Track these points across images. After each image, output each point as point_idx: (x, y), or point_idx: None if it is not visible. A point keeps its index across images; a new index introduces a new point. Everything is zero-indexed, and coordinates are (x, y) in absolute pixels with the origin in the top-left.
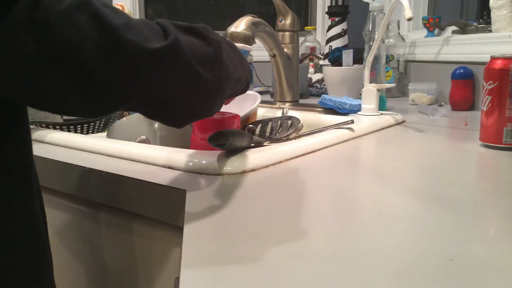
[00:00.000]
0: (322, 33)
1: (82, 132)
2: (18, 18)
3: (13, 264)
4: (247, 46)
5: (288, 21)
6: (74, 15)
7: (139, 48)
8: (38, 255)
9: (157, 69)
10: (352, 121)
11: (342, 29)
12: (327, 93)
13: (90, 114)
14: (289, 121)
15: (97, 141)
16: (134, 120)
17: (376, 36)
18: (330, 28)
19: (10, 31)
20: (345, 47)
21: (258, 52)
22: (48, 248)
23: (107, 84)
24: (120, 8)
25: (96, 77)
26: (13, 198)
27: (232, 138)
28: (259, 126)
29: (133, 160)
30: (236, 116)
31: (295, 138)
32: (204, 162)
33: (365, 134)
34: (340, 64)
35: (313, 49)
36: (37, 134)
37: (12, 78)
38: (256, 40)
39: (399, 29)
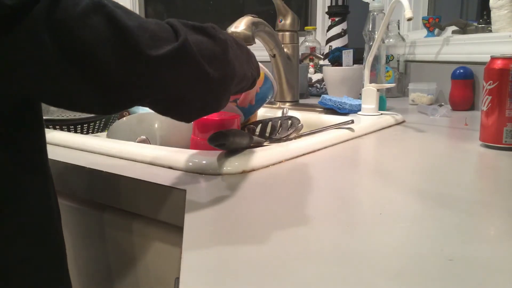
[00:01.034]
0: (322, 33)
1: (82, 132)
2: (36, 20)
3: (30, 258)
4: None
5: (288, 21)
6: (91, 17)
7: (152, 50)
8: (55, 250)
9: (169, 69)
10: (352, 121)
11: (342, 29)
12: (327, 93)
13: (105, 112)
14: (289, 121)
15: (97, 141)
16: (134, 120)
17: (376, 36)
18: (330, 28)
19: (28, 32)
20: (345, 47)
21: (258, 52)
22: (63, 243)
23: (121, 84)
24: None
25: (111, 77)
26: (30, 191)
27: (232, 138)
28: (259, 126)
29: (133, 160)
30: (236, 116)
31: (295, 138)
32: (204, 162)
33: (365, 134)
34: (340, 64)
35: (313, 49)
36: None
37: (30, 77)
38: (256, 40)
39: (399, 29)
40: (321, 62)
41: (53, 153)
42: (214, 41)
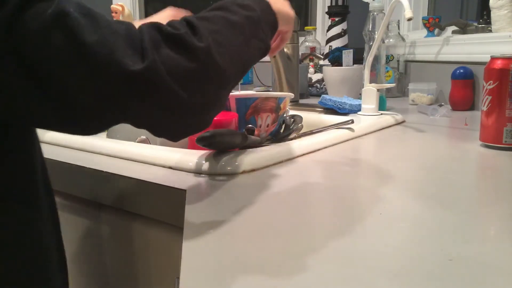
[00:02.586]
0: (322, 33)
1: None
2: None
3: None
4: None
5: None
6: (50, 33)
7: (112, 72)
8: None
9: (132, 94)
10: (352, 121)
11: (342, 29)
12: (327, 93)
13: (71, 133)
14: (292, 119)
15: (97, 141)
16: None
17: (376, 36)
18: (330, 28)
19: None
20: (345, 47)
21: None
22: (44, 248)
23: (81, 107)
24: (120, 8)
25: (71, 98)
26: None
27: (219, 138)
28: None
29: (133, 160)
30: (234, 115)
31: (295, 138)
32: (204, 162)
33: (365, 134)
34: (340, 64)
35: (313, 49)
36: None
37: None
38: None
39: (399, 29)
40: (321, 62)
41: (53, 153)
42: (190, 55)
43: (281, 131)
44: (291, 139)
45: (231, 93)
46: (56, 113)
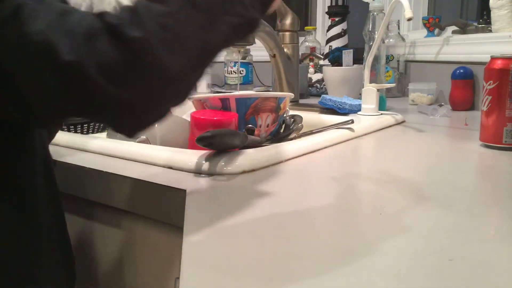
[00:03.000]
0: (322, 33)
1: (82, 132)
2: None
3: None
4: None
5: (288, 21)
6: (8, 24)
7: (48, 64)
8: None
9: (67, 87)
10: (352, 121)
11: (342, 29)
12: (327, 93)
13: (31, 124)
14: (292, 119)
15: (97, 141)
16: None
17: (376, 36)
18: (330, 28)
19: None
20: (345, 47)
21: (258, 52)
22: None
23: (36, 101)
24: None
25: (25, 92)
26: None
27: (219, 138)
28: None
29: (133, 160)
30: (234, 115)
31: (295, 138)
32: (204, 162)
33: (365, 134)
34: (340, 64)
35: (313, 49)
36: None
37: None
38: (256, 40)
39: (399, 29)
40: (321, 62)
41: (53, 153)
42: (123, 46)
43: (281, 131)
44: (291, 139)
45: (231, 93)
46: (18, 109)
